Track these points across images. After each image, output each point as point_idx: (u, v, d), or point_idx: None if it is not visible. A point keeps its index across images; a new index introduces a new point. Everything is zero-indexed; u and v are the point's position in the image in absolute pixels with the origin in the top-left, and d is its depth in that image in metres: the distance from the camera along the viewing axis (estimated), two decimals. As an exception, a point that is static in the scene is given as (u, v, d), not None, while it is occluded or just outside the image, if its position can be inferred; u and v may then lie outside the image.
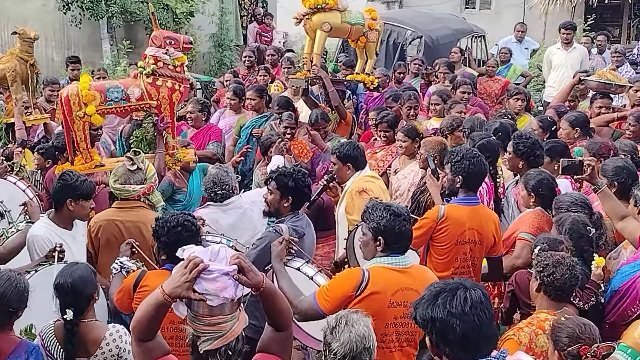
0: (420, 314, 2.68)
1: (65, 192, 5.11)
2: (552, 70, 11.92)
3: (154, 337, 2.90)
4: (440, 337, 2.64)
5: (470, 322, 2.59)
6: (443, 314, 2.61)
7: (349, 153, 5.99)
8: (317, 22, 8.45)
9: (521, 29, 14.77)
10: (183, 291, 2.72)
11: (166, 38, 6.36)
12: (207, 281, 2.73)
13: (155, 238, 4.40)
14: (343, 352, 3.18)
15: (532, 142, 6.10)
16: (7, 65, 7.44)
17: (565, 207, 5.15)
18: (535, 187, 5.53)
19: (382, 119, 7.81)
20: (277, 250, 4.50)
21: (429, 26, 14.28)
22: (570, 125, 7.37)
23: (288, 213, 5.12)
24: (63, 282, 4.11)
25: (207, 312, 2.76)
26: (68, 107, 6.24)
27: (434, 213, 5.18)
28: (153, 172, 5.62)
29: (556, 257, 4.24)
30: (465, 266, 5.14)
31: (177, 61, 6.43)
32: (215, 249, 2.81)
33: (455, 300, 2.62)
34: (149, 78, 6.35)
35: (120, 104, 6.36)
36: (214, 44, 16.25)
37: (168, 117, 6.46)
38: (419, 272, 4.23)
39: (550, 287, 4.16)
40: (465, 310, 2.60)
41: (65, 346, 4.06)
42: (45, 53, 14.61)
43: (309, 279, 4.49)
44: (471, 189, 5.25)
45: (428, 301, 2.67)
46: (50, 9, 14.30)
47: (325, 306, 4.04)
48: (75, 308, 4.09)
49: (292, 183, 5.05)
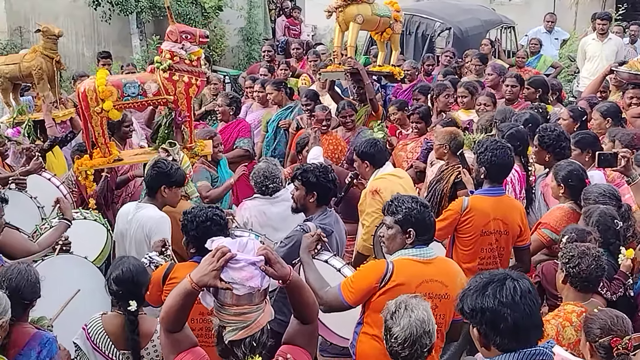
0: (469, 304, 2.68)
1: (160, 179, 5.29)
2: (587, 61, 11.76)
3: (182, 328, 2.93)
4: (491, 327, 2.64)
5: (521, 311, 2.60)
6: (494, 303, 2.62)
7: (366, 150, 6.00)
8: (350, 15, 8.45)
9: (551, 19, 14.57)
10: (210, 279, 2.74)
11: (182, 32, 6.36)
12: (233, 270, 2.75)
13: (184, 232, 4.45)
14: (404, 336, 3.30)
15: (557, 135, 6.04)
16: (32, 63, 7.46)
17: (594, 198, 5.10)
18: (565, 177, 5.47)
19: (415, 110, 7.79)
20: (306, 242, 4.52)
21: (457, 17, 14.13)
22: (601, 115, 7.27)
23: (315, 209, 5.16)
24: (126, 272, 4.15)
25: (233, 302, 2.78)
26: (85, 102, 6.28)
27: (457, 205, 5.16)
28: (188, 163, 5.70)
29: (582, 248, 4.22)
30: (491, 257, 5.13)
31: (194, 55, 6.44)
32: (244, 241, 2.84)
33: (504, 290, 2.62)
34: (165, 73, 6.36)
35: (138, 99, 6.40)
36: (242, 38, 16.27)
37: (186, 111, 6.47)
38: (443, 264, 4.21)
39: (576, 279, 4.14)
40: (516, 299, 2.61)
41: (130, 337, 4.10)
42: (76, 49, 14.76)
43: (337, 271, 4.51)
44: (495, 180, 5.22)
45: (477, 292, 2.67)
46: (80, 5, 14.42)
47: (350, 297, 4.05)
48: (138, 299, 4.13)
49: (315, 178, 5.07)
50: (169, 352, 2.94)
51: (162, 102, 6.50)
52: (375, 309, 3.98)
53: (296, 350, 3.01)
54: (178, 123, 6.47)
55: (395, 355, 3.40)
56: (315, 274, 4.28)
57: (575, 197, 5.43)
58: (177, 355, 2.90)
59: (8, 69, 7.61)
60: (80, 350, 4.18)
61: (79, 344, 4.19)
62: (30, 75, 7.56)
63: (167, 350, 2.95)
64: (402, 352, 3.35)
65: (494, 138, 5.42)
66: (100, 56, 11.66)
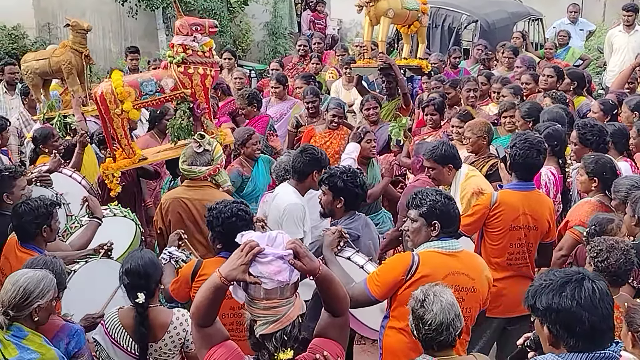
0: (543, 302, 2.60)
1: (313, 164, 5.54)
2: (613, 54, 11.61)
3: (213, 323, 2.94)
4: (566, 328, 2.57)
5: (599, 315, 2.53)
6: (572, 304, 2.54)
7: (447, 154, 5.66)
8: (381, 9, 8.42)
9: (574, 10, 14.38)
10: (239, 273, 2.75)
11: (192, 25, 6.34)
12: (262, 264, 2.76)
13: (210, 228, 4.47)
14: (439, 321, 3.32)
15: (599, 130, 5.96)
16: (61, 58, 7.52)
17: (625, 190, 5.02)
18: (596, 170, 5.39)
19: (430, 102, 7.72)
20: (328, 240, 4.52)
21: (484, 10, 14.02)
22: (629, 109, 7.19)
23: (343, 214, 5.07)
24: (135, 265, 4.17)
25: (263, 296, 2.78)
26: (104, 105, 6.23)
27: (486, 199, 5.11)
28: (220, 153, 5.73)
29: (610, 241, 4.18)
30: (520, 252, 5.08)
31: (205, 46, 6.43)
32: (273, 235, 2.84)
33: (583, 291, 2.55)
34: (180, 67, 6.35)
35: (155, 97, 6.39)
36: (268, 32, 16.28)
37: (204, 103, 6.48)
38: (469, 257, 4.19)
39: (605, 273, 4.09)
40: (595, 301, 2.53)
41: (138, 330, 4.12)
42: (103, 44, 14.88)
43: (360, 268, 4.49)
44: (523, 176, 5.16)
45: (553, 290, 2.59)
46: (107, 1, 14.52)
47: (376, 291, 4.04)
48: (147, 291, 4.15)
49: (342, 183, 4.97)
50: (200, 346, 2.95)
51: (179, 97, 6.49)
52: (402, 302, 3.96)
53: (328, 343, 3.01)
54: (197, 115, 6.48)
55: (429, 343, 3.39)
56: (340, 270, 4.26)
57: (605, 190, 5.36)
58: (209, 349, 2.91)
59: (38, 65, 7.68)
60: (99, 345, 4.21)
61: (98, 339, 4.22)
62: (60, 70, 7.62)
63: (198, 344, 2.97)
64: (438, 337, 3.34)
65: (525, 136, 5.31)
66: (128, 51, 11.76)
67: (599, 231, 4.68)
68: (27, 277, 3.79)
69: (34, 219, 4.75)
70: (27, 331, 3.78)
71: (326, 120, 8.08)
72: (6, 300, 3.74)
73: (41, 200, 4.87)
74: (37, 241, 4.80)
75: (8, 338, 3.72)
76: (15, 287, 3.75)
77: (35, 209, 4.76)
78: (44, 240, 4.84)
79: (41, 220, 4.76)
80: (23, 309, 3.75)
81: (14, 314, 3.74)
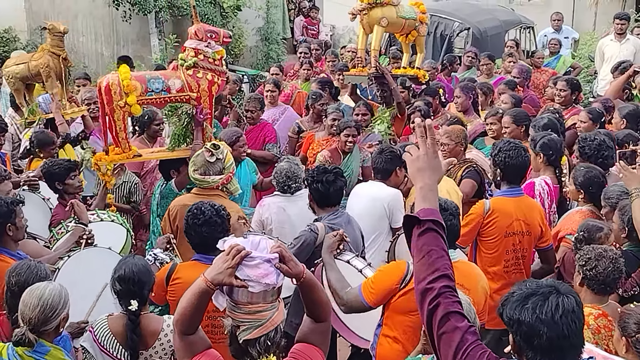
0: (508, 313, 2.58)
1: (394, 162, 5.94)
2: (605, 62, 11.62)
3: (197, 330, 2.90)
4: (525, 340, 2.54)
5: (558, 331, 2.48)
6: (531, 318, 2.51)
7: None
8: (374, 18, 8.39)
9: (557, 18, 14.51)
10: (225, 277, 2.72)
11: (208, 31, 6.39)
12: (249, 267, 2.74)
13: (186, 231, 4.55)
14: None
15: (598, 144, 5.96)
16: (40, 62, 7.51)
17: (616, 197, 5.05)
18: (584, 183, 5.43)
19: (415, 109, 7.74)
20: (328, 242, 4.54)
21: (476, 17, 14.11)
22: (620, 115, 7.26)
23: (320, 211, 5.24)
24: (128, 272, 4.13)
25: (248, 300, 2.77)
26: (108, 96, 6.20)
27: (479, 208, 5.14)
28: (231, 161, 5.75)
29: (598, 250, 4.21)
30: (514, 258, 5.13)
31: (217, 54, 6.46)
32: (256, 240, 2.82)
33: (546, 306, 2.50)
34: (189, 70, 6.37)
35: (161, 95, 6.36)
36: (260, 38, 16.27)
37: (207, 109, 6.48)
38: (465, 267, 4.20)
39: (594, 281, 4.13)
40: (555, 318, 2.48)
41: (130, 337, 4.09)
42: (95, 48, 14.81)
43: (358, 272, 4.51)
44: (512, 181, 5.20)
45: (518, 302, 2.56)
46: (99, 4, 14.47)
47: (370, 298, 4.05)
48: (140, 298, 4.13)
49: (308, 183, 5.25)
50: (183, 355, 2.90)
51: (185, 99, 6.49)
52: (395, 310, 3.98)
53: (310, 348, 2.99)
54: (200, 120, 6.47)
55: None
56: (337, 275, 4.28)
57: (595, 201, 5.41)
58: (193, 358, 2.88)
59: (18, 69, 7.68)
60: (87, 352, 4.17)
61: (86, 346, 4.17)
62: (39, 73, 7.61)
63: (181, 353, 2.92)
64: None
65: (508, 139, 5.37)
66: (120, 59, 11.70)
67: (587, 237, 4.72)
68: (50, 291, 3.82)
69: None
70: (48, 346, 3.80)
71: (326, 125, 8.09)
72: (34, 316, 3.76)
73: (2, 199, 4.82)
74: (4, 242, 4.74)
75: (30, 354, 3.74)
76: (42, 302, 3.77)
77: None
78: (12, 239, 4.77)
79: (4, 219, 4.70)
80: (50, 322, 3.79)
81: (43, 328, 3.76)
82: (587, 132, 6.58)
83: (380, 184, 5.93)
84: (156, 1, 13.74)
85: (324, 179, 5.15)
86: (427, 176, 2.85)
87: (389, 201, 5.81)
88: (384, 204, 5.77)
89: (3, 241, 4.75)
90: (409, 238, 2.76)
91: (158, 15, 14.21)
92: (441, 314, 2.61)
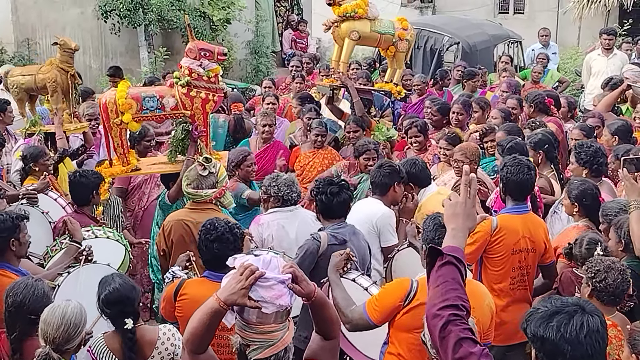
0: (532, 329, 2.58)
1: (393, 177, 5.84)
2: (592, 77, 11.74)
3: (207, 349, 2.87)
4: (548, 358, 2.55)
5: (582, 351, 2.48)
6: (556, 337, 2.51)
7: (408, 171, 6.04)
8: (345, 30, 8.35)
9: (544, 34, 14.66)
10: (239, 298, 2.70)
11: (201, 50, 6.38)
12: (263, 288, 2.72)
13: (198, 247, 4.51)
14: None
15: (594, 151, 6.08)
16: (47, 76, 7.49)
17: (614, 213, 5.07)
18: (578, 196, 5.47)
19: (412, 124, 7.75)
20: (335, 261, 4.51)
21: (466, 32, 14.22)
22: (610, 132, 7.31)
23: (326, 222, 5.23)
24: (113, 292, 4.10)
25: (259, 320, 2.75)
26: (106, 114, 6.35)
27: (486, 225, 5.10)
28: (224, 175, 5.75)
29: (607, 262, 4.27)
30: (520, 275, 5.12)
31: (212, 72, 6.45)
32: (267, 259, 2.81)
33: (571, 325, 2.51)
34: (183, 88, 6.38)
35: (156, 113, 6.44)
36: (250, 51, 16.29)
37: (202, 127, 6.49)
38: (469, 286, 4.12)
39: (603, 293, 4.20)
40: (580, 337, 2.49)
41: (128, 355, 4.06)
42: (83, 60, 14.74)
43: (364, 290, 4.48)
44: (517, 198, 5.20)
45: (543, 319, 2.56)
46: (88, 17, 14.43)
47: (375, 316, 4.04)
48: (133, 315, 4.11)
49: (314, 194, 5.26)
50: None
51: (179, 117, 6.56)
52: (399, 328, 3.96)
53: None
54: (194, 137, 6.47)
55: None
56: (343, 293, 4.27)
57: (589, 215, 5.44)
58: None
59: (24, 80, 7.65)
60: None
61: None
62: (45, 87, 7.58)
63: None
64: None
65: (514, 155, 5.40)
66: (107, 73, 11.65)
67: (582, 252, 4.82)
68: (72, 309, 3.85)
69: (0, 233, 4.65)
70: None
71: (310, 140, 8.11)
72: (58, 335, 3.77)
73: (7, 214, 4.78)
74: (7, 257, 4.69)
75: None
76: (65, 320, 3.80)
77: (2, 222, 4.67)
78: (15, 255, 4.73)
79: (8, 233, 4.65)
80: (73, 340, 3.82)
81: (66, 347, 3.79)
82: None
83: (376, 202, 5.85)
84: (146, 14, 13.70)
85: (328, 190, 5.16)
86: (460, 221, 2.98)
87: (377, 218, 5.71)
88: (373, 220, 5.69)
89: (6, 256, 4.70)
90: (430, 267, 2.83)
91: (147, 28, 14.17)
92: (453, 340, 2.63)
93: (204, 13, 14.48)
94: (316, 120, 8.26)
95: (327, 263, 4.88)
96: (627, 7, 19.01)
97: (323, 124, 8.13)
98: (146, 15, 13.72)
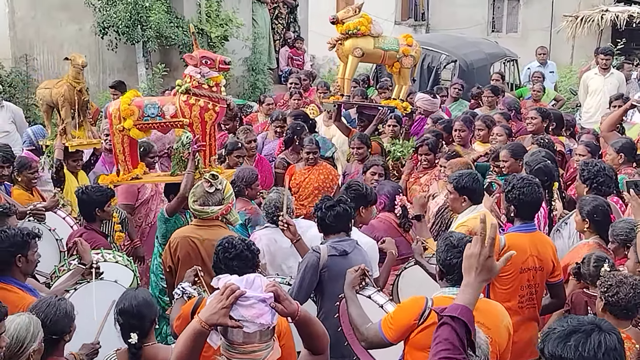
0: (550, 349, 2.60)
1: (358, 200, 5.74)
2: (589, 96, 11.85)
3: None
4: None
5: None
6: (574, 356, 2.52)
7: (467, 185, 5.70)
8: (349, 48, 8.48)
9: (542, 52, 14.79)
10: (220, 317, 2.72)
11: (202, 58, 6.43)
12: (243, 308, 2.74)
13: (214, 265, 4.54)
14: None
15: (597, 170, 6.12)
16: (58, 90, 7.55)
17: (625, 233, 5.10)
18: (590, 212, 5.49)
19: (423, 142, 7.80)
20: (350, 277, 4.51)
21: (463, 50, 14.33)
22: (615, 151, 7.32)
23: (329, 237, 5.25)
24: (128, 305, 4.14)
25: (243, 340, 2.78)
26: (111, 121, 6.56)
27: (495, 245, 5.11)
28: (230, 192, 5.75)
29: (619, 276, 4.35)
30: (528, 293, 5.12)
31: (212, 80, 6.47)
32: (251, 278, 2.83)
33: (588, 344, 2.52)
34: (184, 96, 6.44)
35: (156, 120, 6.52)
36: (247, 68, 16.32)
37: (200, 135, 6.49)
38: (485, 306, 4.13)
39: (616, 307, 4.26)
40: (598, 356, 2.50)
41: None
42: (81, 77, 14.74)
43: (379, 307, 4.48)
44: (526, 217, 5.22)
45: (560, 338, 2.58)
46: (86, 33, 14.41)
47: (390, 334, 4.03)
48: (140, 332, 4.11)
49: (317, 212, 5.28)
50: None
51: (179, 125, 6.61)
52: (414, 346, 3.95)
53: None
54: (194, 150, 6.47)
55: None
56: (358, 310, 4.27)
57: (600, 232, 5.46)
58: None
59: (45, 93, 7.74)
60: None
61: None
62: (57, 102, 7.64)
63: None
64: None
65: (522, 175, 5.42)
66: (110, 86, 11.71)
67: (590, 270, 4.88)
68: (16, 325, 3.73)
69: (8, 247, 4.61)
70: None
71: (302, 157, 8.16)
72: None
73: (19, 229, 4.77)
74: (13, 272, 4.66)
75: None
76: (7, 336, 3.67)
77: (12, 237, 4.64)
78: (21, 272, 4.69)
79: (16, 249, 4.63)
80: (19, 357, 3.71)
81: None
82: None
83: (357, 232, 5.64)
84: (144, 31, 13.71)
85: (323, 205, 5.22)
86: (473, 275, 3.00)
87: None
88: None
89: (11, 271, 4.66)
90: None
91: (146, 45, 14.18)
92: None
93: (202, 30, 14.50)
94: (307, 138, 8.30)
95: (330, 276, 4.94)
96: (619, 27, 19.21)
97: (313, 141, 8.16)
98: (144, 31, 13.72)
